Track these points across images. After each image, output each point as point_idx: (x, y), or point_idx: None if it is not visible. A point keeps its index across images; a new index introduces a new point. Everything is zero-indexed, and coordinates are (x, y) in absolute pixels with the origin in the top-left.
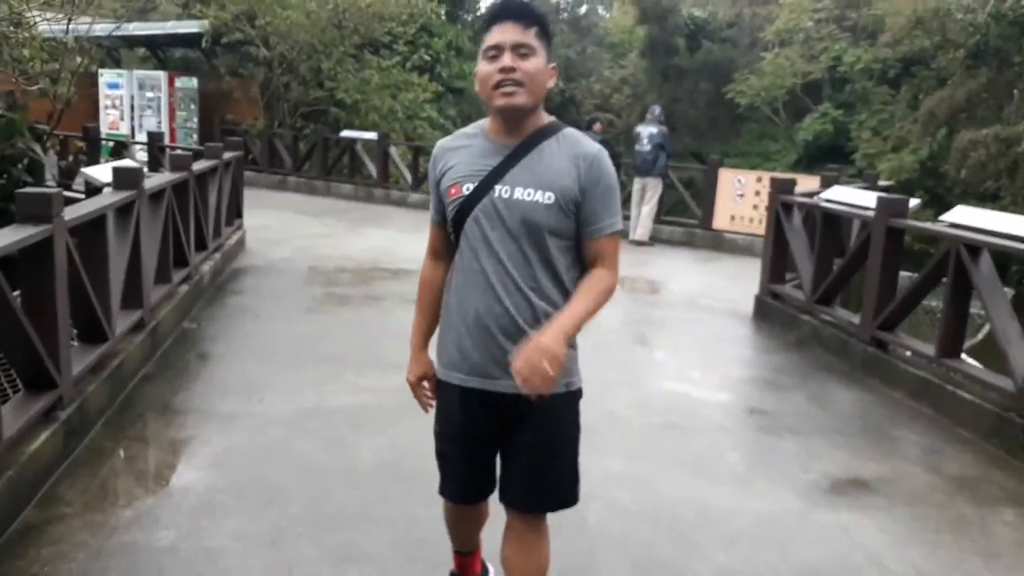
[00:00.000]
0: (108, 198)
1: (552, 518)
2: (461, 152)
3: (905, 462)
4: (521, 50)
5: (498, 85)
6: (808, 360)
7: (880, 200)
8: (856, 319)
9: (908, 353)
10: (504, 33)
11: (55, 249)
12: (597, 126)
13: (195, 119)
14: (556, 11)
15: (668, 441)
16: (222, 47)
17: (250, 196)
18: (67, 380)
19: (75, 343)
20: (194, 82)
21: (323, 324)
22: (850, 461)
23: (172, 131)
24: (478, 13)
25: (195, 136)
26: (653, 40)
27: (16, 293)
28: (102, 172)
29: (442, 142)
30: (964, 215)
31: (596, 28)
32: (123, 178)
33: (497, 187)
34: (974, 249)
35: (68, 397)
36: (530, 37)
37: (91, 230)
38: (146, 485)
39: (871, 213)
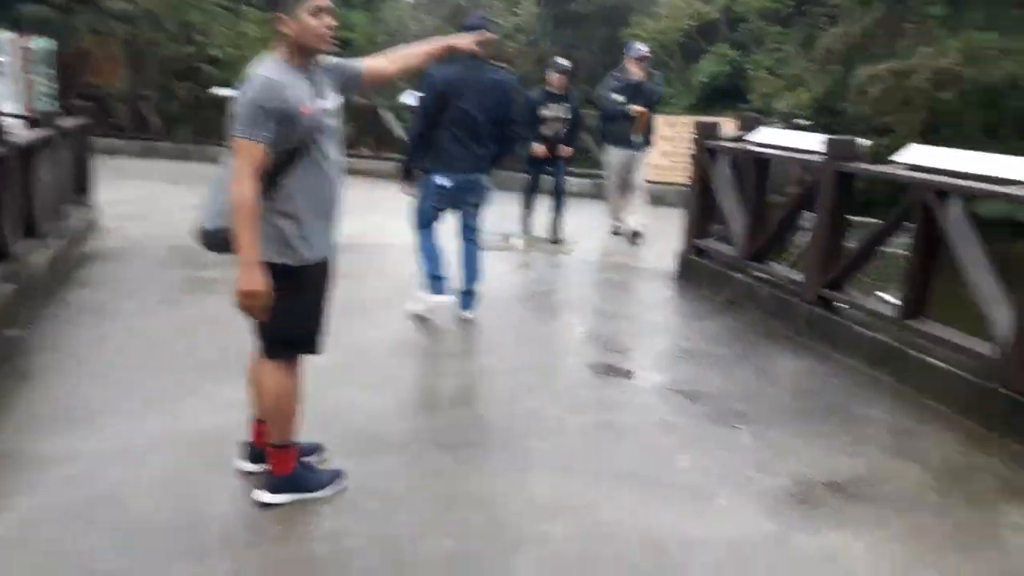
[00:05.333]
0: None
1: None
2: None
3: (880, 452)
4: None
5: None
6: (745, 325)
7: (831, 142)
8: (797, 276)
9: (862, 314)
10: None
11: None
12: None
13: (52, 84)
14: None
15: (605, 445)
16: (79, 3)
17: (113, 166)
18: None
19: None
20: (49, 43)
21: (182, 319)
22: (818, 455)
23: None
24: None
25: (56, 103)
26: None
27: None
28: None
29: (276, 77)
30: (919, 155)
31: None
32: None
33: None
34: (942, 195)
35: None
36: None
37: None
38: None
39: (815, 157)
